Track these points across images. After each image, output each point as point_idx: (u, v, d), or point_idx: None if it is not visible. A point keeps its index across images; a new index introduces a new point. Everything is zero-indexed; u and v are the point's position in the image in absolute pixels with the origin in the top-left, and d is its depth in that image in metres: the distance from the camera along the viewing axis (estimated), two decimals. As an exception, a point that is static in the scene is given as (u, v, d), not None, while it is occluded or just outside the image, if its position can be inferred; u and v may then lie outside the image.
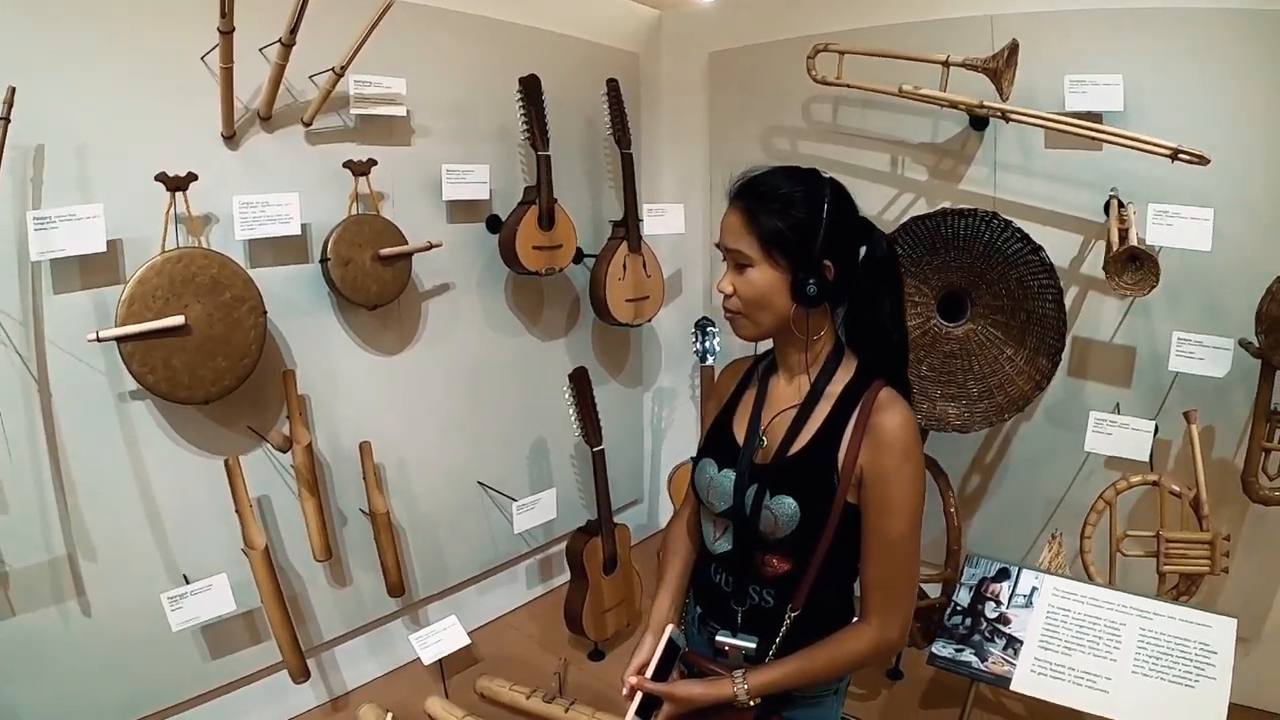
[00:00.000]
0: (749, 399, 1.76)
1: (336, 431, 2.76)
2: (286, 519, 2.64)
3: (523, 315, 3.33)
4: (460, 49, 2.95)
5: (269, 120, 2.45)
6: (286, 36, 2.11)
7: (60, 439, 2.17)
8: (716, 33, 3.64)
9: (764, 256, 1.53)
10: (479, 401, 3.22)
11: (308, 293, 2.61)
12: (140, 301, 2.09)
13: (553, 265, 3.06)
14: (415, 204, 2.86)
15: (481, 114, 3.03)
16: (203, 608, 2.30)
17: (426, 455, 3.06)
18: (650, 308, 3.39)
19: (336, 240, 2.51)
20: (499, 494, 3.22)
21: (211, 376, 2.23)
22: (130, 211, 2.18)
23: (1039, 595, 2.27)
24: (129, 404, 2.28)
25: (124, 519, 2.31)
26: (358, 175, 2.59)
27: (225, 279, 2.24)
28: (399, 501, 2.97)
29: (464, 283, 3.08)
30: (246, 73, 2.25)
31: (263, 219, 2.35)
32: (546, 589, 3.69)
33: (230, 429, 2.48)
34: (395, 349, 2.90)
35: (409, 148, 2.83)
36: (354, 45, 2.28)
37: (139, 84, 2.20)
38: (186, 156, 2.23)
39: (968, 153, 2.99)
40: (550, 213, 2.99)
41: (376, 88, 2.59)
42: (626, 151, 3.22)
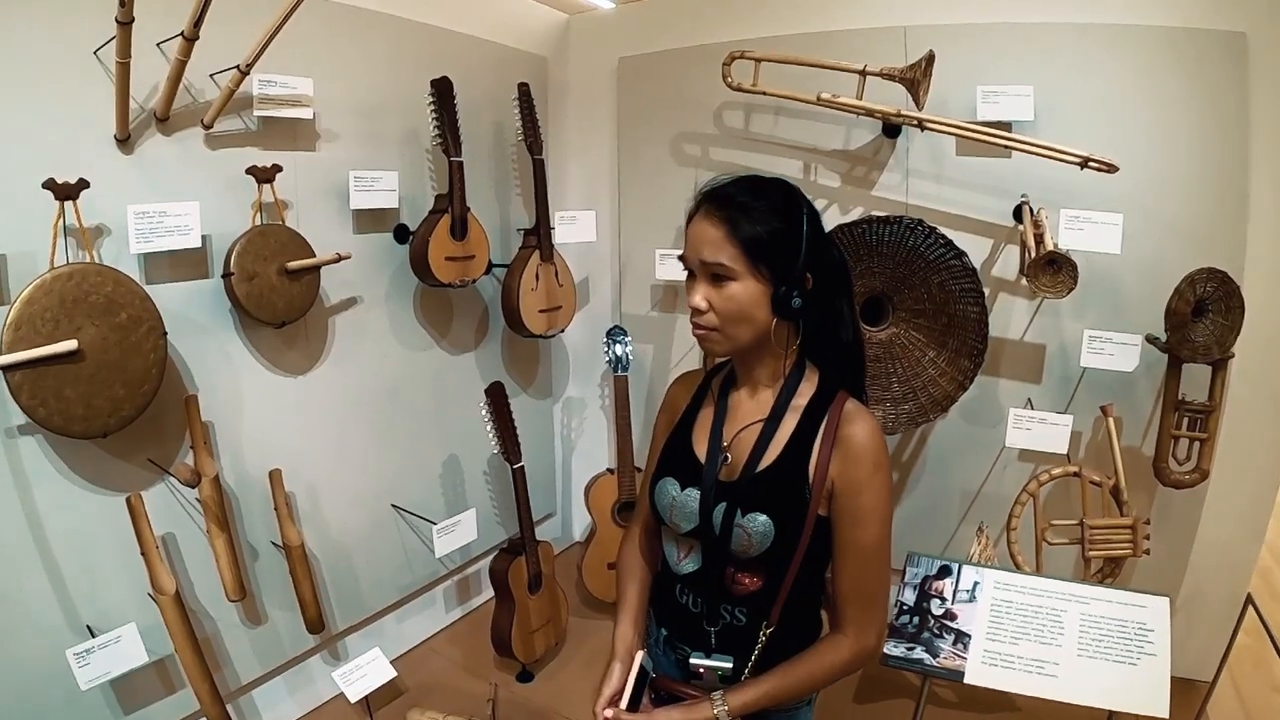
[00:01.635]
0: (707, 415, 1.68)
1: (243, 459, 2.55)
2: (195, 557, 2.42)
3: (432, 329, 3.16)
4: (368, 49, 2.77)
5: (166, 122, 2.23)
6: (189, 30, 1.90)
7: None
8: (626, 38, 3.53)
9: (748, 269, 1.45)
10: (390, 420, 3.03)
11: (209, 310, 2.40)
12: (28, 325, 1.86)
13: (466, 276, 2.90)
14: (321, 213, 2.67)
15: (390, 117, 2.86)
16: (112, 662, 2.08)
17: (337, 479, 2.86)
18: (563, 318, 3.26)
19: (240, 253, 2.30)
20: (416, 516, 3.04)
21: (109, 407, 2.01)
22: (15, 223, 1.97)
23: (981, 589, 2.27)
24: (16, 439, 2.03)
25: (17, 567, 2.05)
26: (262, 182, 2.39)
27: (121, 298, 2.01)
28: (311, 530, 2.76)
29: (371, 296, 2.89)
30: (143, 69, 2.04)
31: (160, 230, 2.13)
32: (466, 610, 3.52)
33: (130, 462, 2.25)
34: (302, 368, 2.70)
35: (315, 153, 2.63)
36: (261, 41, 2.09)
37: (23, 79, 1.96)
38: (76, 161, 2.01)
39: (880, 159, 2.99)
40: (463, 222, 2.83)
41: (282, 88, 2.39)
42: (538, 158, 3.08)
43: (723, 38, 3.11)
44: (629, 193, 3.59)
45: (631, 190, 3.58)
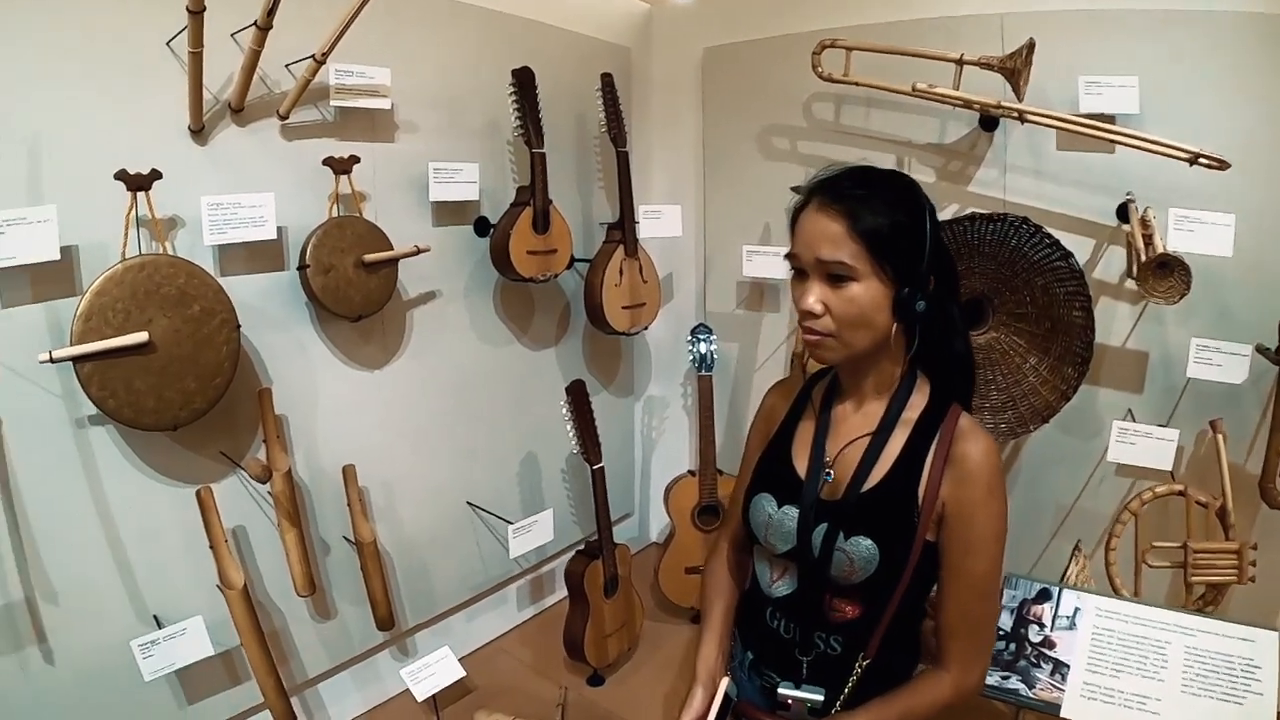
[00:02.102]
0: (808, 427, 1.56)
1: (317, 454, 2.50)
2: (265, 551, 2.38)
3: (512, 324, 3.07)
4: (446, 39, 2.69)
5: (241, 113, 2.18)
6: (263, 19, 1.85)
7: (11, 470, 1.89)
8: (710, 27, 3.39)
9: (872, 269, 1.32)
10: (467, 416, 2.96)
11: (284, 303, 2.35)
12: (98, 316, 1.83)
13: (548, 271, 2.80)
14: (400, 205, 2.60)
15: (470, 109, 2.78)
16: (177, 654, 2.05)
17: (412, 476, 2.79)
18: (647, 315, 3.14)
19: (316, 245, 2.24)
20: (491, 515, 2.96)
21: (180, 399, 1.97)
22: (87, 214, 1.91)
23: (1082, 616, 2.11)
24: (88, 430, 2.00)
25: (87, 557, 2.03)
26: (339, 173, 2.33)
27: (193, 290, 1.97)
28: (384, 526, 2.71)
29: (450, 290, 2.82)
30: (217, 60, 2.00)
31: (234, 222, 2.08)
32: (538, 609, 3.44)
33: (201, 455, 2.22)
34: (378, 363, 2.64)
35: (393, 144, 2.57)
36: (336, 30, 2.03)
37: (98, 71, 1.92)
38: (150, 152, 1.97)
39: (977, 154, 2.81)
40: (545, 215, 2.73)
41: (359, 78, 2.32)
42: (622, 150, 2.97)
43: (811, 26, 2.95)
44: (714, 187, 3.47)
45: (717, 185, 3.45)
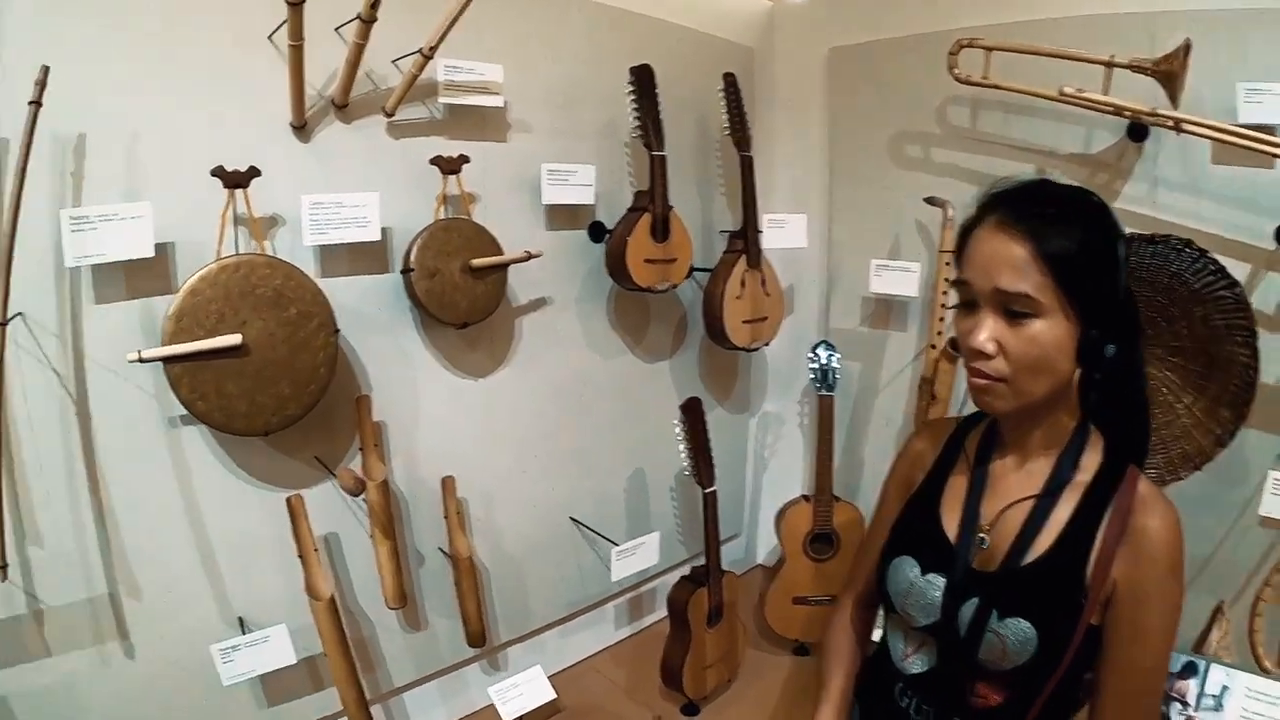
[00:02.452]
0: (960, 483, 1.35)
1: (416, 463, 2.40)
2: (357, 558, 2.30)
3: (626, 334, 2.92)
4: (561, 34, 2.56)
5: (345, 109, 2.09)
6: (366, 12, 1.74)
7: (100, 466, 1.85)
8: (837, 26, 3.17)
9: (1058, 303, 1.12)
10: (574, 429, 2.82)
11: (386, 307, 2.25)
12: (190, 316, 1.76)
13: (666, 281, 2.64)
14: (511, 208, 2.47)
15: (585, 108, 2.64)
16: (258, 661, 1.97)
17: (514, 488, 2.67)
18: (768, 330, 2.94)
19: (422, 248, 2.13)
20: (595, 534, 2.83)
21: (273, 405, 1.89)
22: (185, 211, 1.85)
23: (1230, 697, 1.87)
24: (180, 429, 1.93)
25: (173, 556, 1.98)
26: (447, 173, 2.22)
27: (291, 292, 1.88)
28: (482, 539, 2.60)
29: (562, 297, 2.68)
30: (321, 55, 1.92)
31: (336, 222, 1.99)
32: (636, 629, 3.28)
33: (295, 459, 2.14)
34: (484, 371, 2.52)
35: (504, 144, 2.44)
36: (443, 24, 1.92)
37: (197, 65, 1.86)
38: (249, 149, 1.90)
39: (1124, 166, 2.53)
40: (665, 222, 2.57)
41: (469, 74, 2.21)
42: (746, 154, 2.78)
43: (946, 24, 2.71)
44: (841, 196, 3.25)
45: (844, 193, 3.24)
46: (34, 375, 1.75)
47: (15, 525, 1.74)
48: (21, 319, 1.71)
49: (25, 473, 1.76)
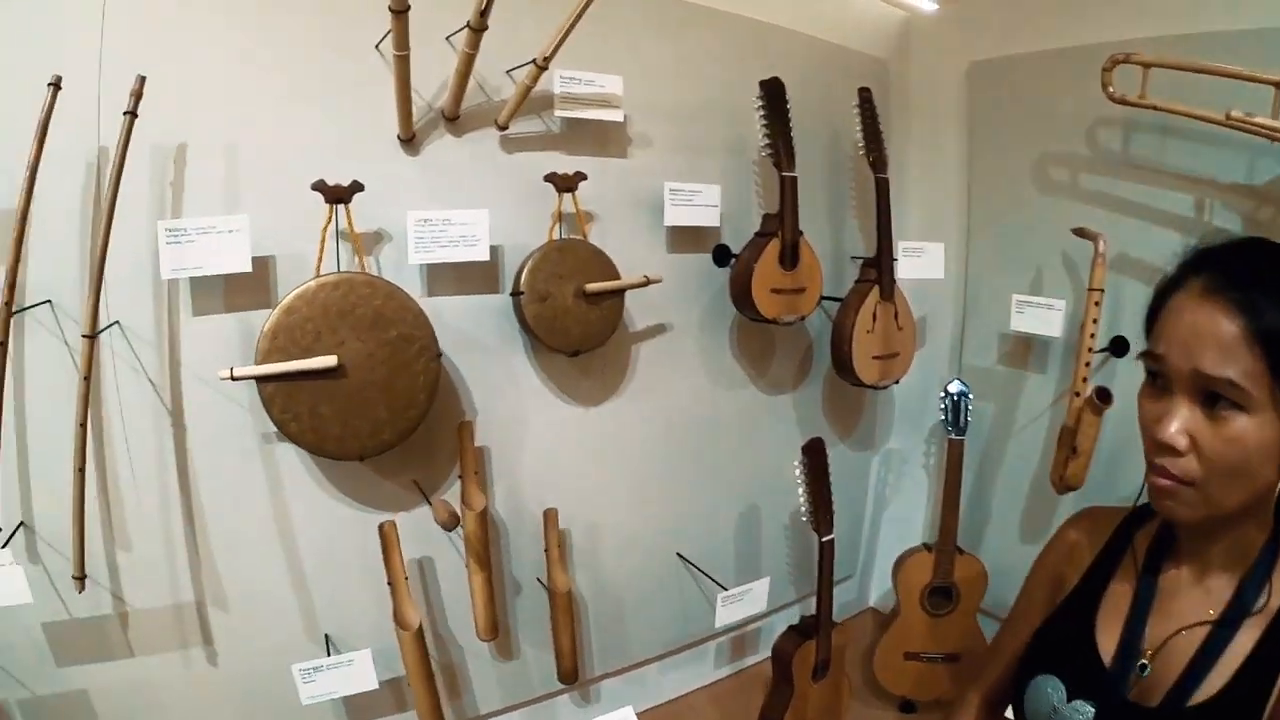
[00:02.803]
0: (1122, 593, 1.13)
1: (518, 492, 2.28)
2: (451, 583, 2.20)
3: (748, 365, 2.73)
4: (685, 45, 2.39)
5: (455, 122, 1.98)
6: (476, 20, 1.62)
7: (193, 477, 1.82)
8: (978, 38, 2.88)
9: (1272, 397, 0.89)
10: (687, 462, 2.66)
11: (495, 329, 2.14)
12: (285, 335, 1.67)
13: (792, 313, 2.43)
14: (629, 229, 2.32)
15: (710, 123, 2.46)
16: (339, 684, 1.90)
17: (619, 521, 2.53)
18: (899, 367, 2.71)
19: (533, 270, 2.00)
20: (701, 573, 2.65)
21: (368, 429, 1.78)
22: (284, 225, 1.78)
23: None
24: (274, 445, 1.88)
25: (262, 569, 1.95)
26: (562, 191, 2.08)
27: (391, 313, 1.78)
28: (583, 572, 2.47)
29: (682, 324, 2.52)
30: (431, 65, 1.84)
31: (444, 240, 1.88)
32: (736, 668, 3.08)
33: (392, 481, 2.06)
34: (596, 399, 2.39)
35: (624, 160, 2.29)
36: (558, 33, 1.78)
37: (300, 74, 1.80)
38: (353, 162, 1.81)
39: (1294, 200, 2.21)
40: (795, 249, 2.37)
41: (587, 86, 2.07)
42: (881, 176, 2.55)
43: (1098, 37, 2.42)
44: (980, 223, 2.98)
45: (983, 220, 2.97)
46: (129, 384, 1.73)
47: (105, 529, 1.75)
48: (119, 328, 1.69)
49: (118, 478, 1.75)
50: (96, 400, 1.70)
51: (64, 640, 1.77)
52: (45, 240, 1.62)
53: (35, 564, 1.71)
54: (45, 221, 1.60)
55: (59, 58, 1.55)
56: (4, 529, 1.64)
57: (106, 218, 1.54)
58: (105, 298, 1.65)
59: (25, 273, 1.61)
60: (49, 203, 1.60)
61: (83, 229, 1.65)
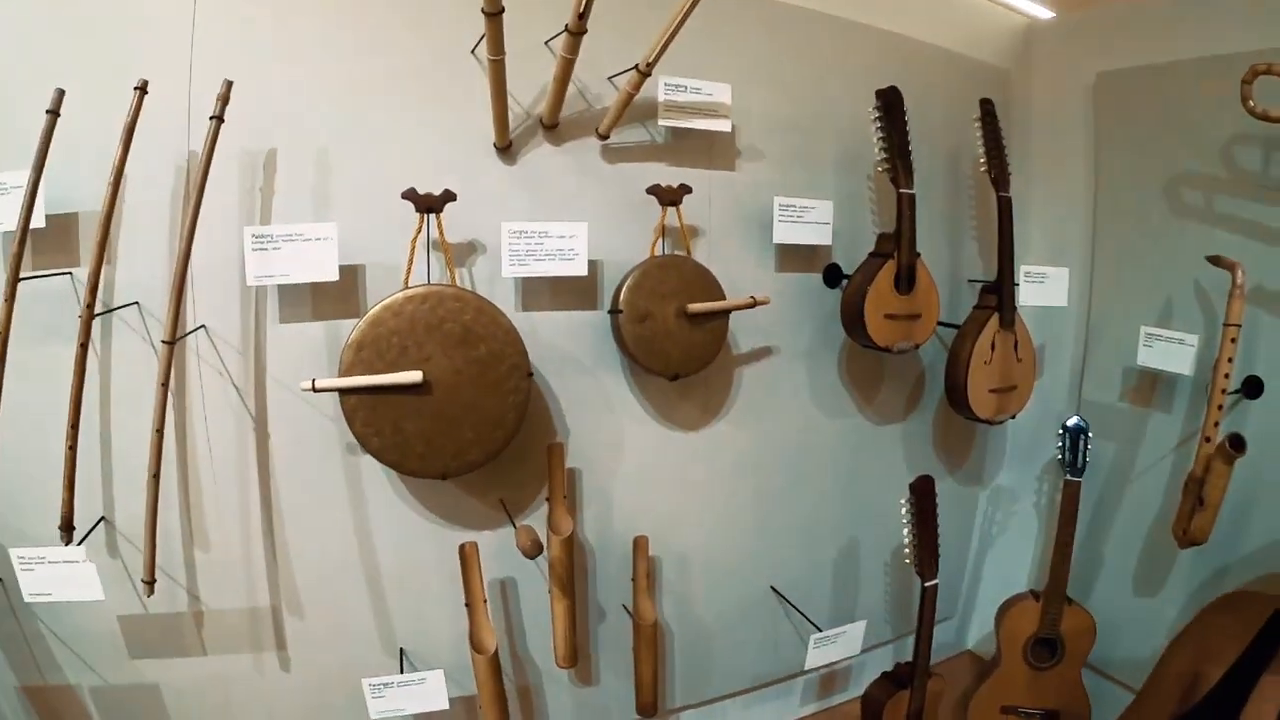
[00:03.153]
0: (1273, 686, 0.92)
1: (608, 516, 2.18)
2: (532, 606, 2.12)
3: (856, 393, 2.57)
4: (796, 52, 2.25)
5: (554, 130, 1.90)
6: (574, 23, 1.51)
7: (274, 483, 1.81)
8: (1106, 46, 2.65)
9: None
10: (786, 492, 2.50)
11: (591, 348, 2.04)
12: (370, 347, 1.61)
13: (906, 341, 2.25)
14: (736, 245, 2.20)
15: (822, 135, 2.32)
16: (409, 700, 1.86)
17: (712, 550, 2.39)
18: (1016, 401, 2.50)
19: (633, 287, 1.89)
20: (795, 609, 2.49)
21: (452, 448, 1.70)
22: (373, 234, 1.76)
23: None
24: (358, 456, 1.85)
25: (340, 579, 1.92)
26: (666, 204, 1.96)
27: (481, 328, 1.69)
28: (671, 600, 2.34)
29: (789, 348, 2.37)
30: (529, 71, 1.81)
31: (540, 253, 1.79)
32: (823, 706, 2.89)
33: (477, 499, 1.99)
34: (695, 424, 2.26)
35: (732, 173, 2.16)
36: (661, 37, 1.67)
37: (393, 80, 1.77)
38: (446, 170, 1.76)
39: None
40: (911, 272, 2.19)
41: (693, 94, 1.95)
42: (1004, 195, 2.35)
43: (1237, 46, 2.20)
44: (1106, 247, 2.73)
45: (1109, 244, 2.72)
46: (214, 388, 1.72)
47: (184, 528, 1.75)
48: (205, 332, 1.67)
49: (199, 479, 1.75)
50: (180, 402, 1.69)
51: (138, 634, 1.76)
52: (135, 243, 1.61)
53: (114, 558, 1.71)
54: (136, 224, 1.60)
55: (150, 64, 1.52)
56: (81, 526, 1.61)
57: (190, 223, 1.49)
58: (192, 302, 1.64)
59: (115, 274, 1.61)
60: (139, 206, 1.59)
61: (172, 233, 1.62)
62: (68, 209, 1.56)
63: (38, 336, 1.55)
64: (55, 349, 1.54)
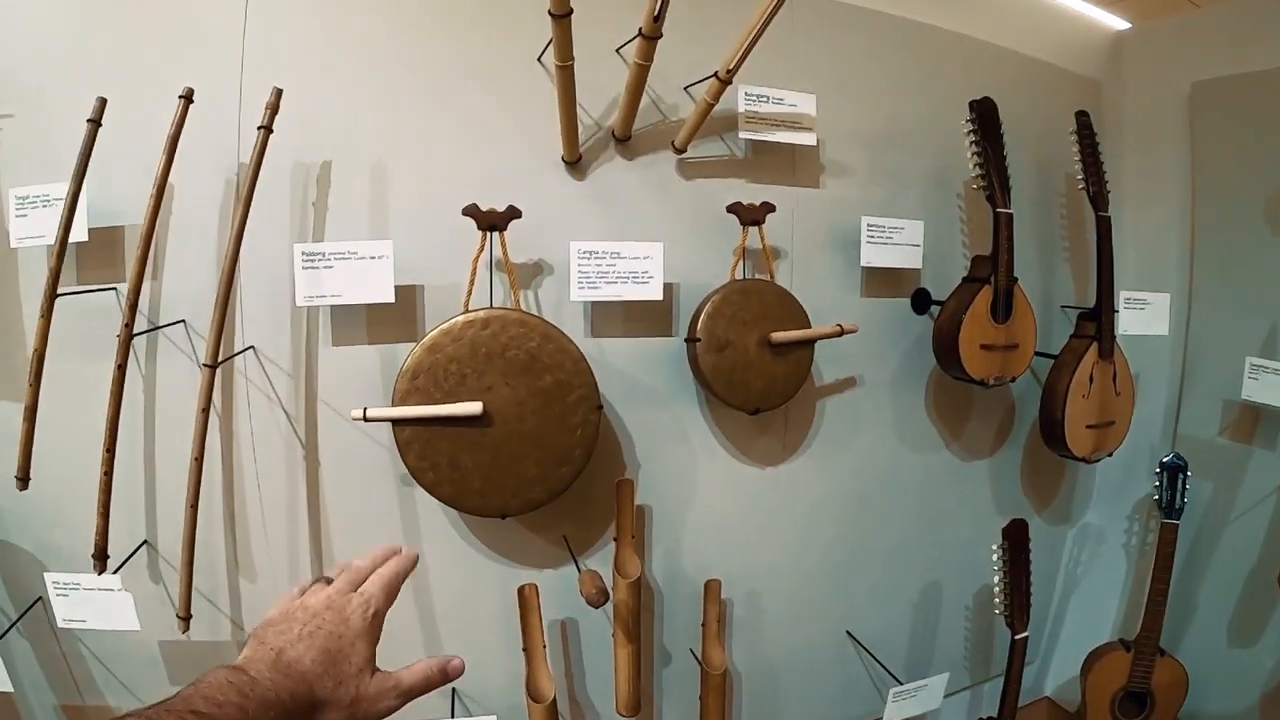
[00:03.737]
0: None
1: (678, 556, 2.01)
2: (594, 650, 1.98)
3: (943, 426, 2.36)
4: (881, 61, 2.08)
5: (627, 143, 1.78)
6: (648, 25, 1.38)
7: (324, 513, 1.70)
8: (1203, 54, 2.42)
9: None
10: (866, 531, 2.31)
11: (663, 377, 1.88)
12: (427, 375, 1.48)
13: (1003, 374, 2.05)
14: (821, 268, 2.02)
15: (911, 149, 2.13)
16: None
17: (786, 592, 2.21)
18: (1113, 438, 2.26)
19: (712, 314, 1.72)
20: (873, 658, 2.30)
21: (512, 486, 1.56)
22: (432, 253, 1.64)
23: None
24: (413, 488, 1.71)
25: (390, 616, 1.70)
26: (747, 224, 1.79)
27: (548, 356, 1.54)
28: (741, 644, 2.16)
29: (874, 378, 2.18)
30: (599, 80, 1.68)
31: (612, 275, 1.65)
32: (889, 755, 2.68)
33: (539, 536, 1.85)
34: (773, 459, 2.08)
35: (816, 190, 1.99)
36: (743, 41, 1.50)
37: (455, 89, 1.65)
38: (511, 186, 1.65)
39: None
40: (1009, 297, 1.99)
41: (776, 104, 1.79)
42: (1103, 215, 2.14)
43: None
44: (1205, 270, 2.49)
45: (1209, 266, 2.48)
46: (263, 412, 1.61)
47: (229, 555, 1.66)
48: (254, 353, 1.57)
49: (245, 507, 1.65)
50: (227, 427, 1.59)
51: (179, 659, 1.67)
52: (182, 258, 1.51)
53: (156, 583, 1.62)
54: (184, 239, 1.51)
55: (201, 75, 1.44)
56: (123, 550, 1.54)
57: (235, 237, 1.37)
58: (240, 322, 1.54)
59: (161, 290, 1.52)
60: (187, 220, 1.50)
61: (221, 248, 1.51)
62: (113, 222, 1.48)
63: (86, 353, 1.47)
64: (101, 367, 1.43)
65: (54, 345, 1.36)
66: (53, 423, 1.42)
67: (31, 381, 1.32)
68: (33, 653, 1.63)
